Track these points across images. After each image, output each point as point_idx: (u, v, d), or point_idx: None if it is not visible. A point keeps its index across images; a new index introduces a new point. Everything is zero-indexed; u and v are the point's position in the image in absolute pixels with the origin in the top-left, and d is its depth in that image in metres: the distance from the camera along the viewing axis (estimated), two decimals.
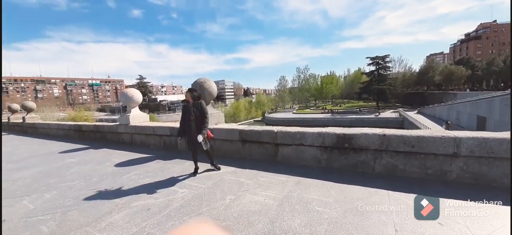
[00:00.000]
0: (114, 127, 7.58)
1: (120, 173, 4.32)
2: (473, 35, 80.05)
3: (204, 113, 3.79)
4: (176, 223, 2.55)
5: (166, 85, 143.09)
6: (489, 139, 2.87)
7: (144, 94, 72.60)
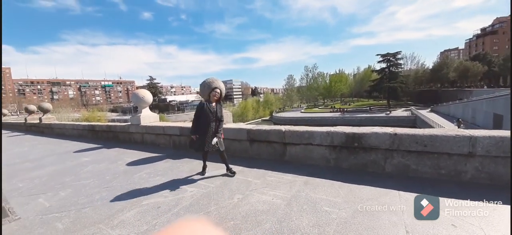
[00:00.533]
0: (125, 127, 7.79)
1: (131, 172, 4.44)
2: (489, 29, 76.58)
3: (222, 114, 3.76)
4: None
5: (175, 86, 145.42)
6: (506, 138, 2.75)
7: (154, 95, 73.91)
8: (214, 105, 3.71)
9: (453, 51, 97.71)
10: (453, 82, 57.08)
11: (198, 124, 3.67)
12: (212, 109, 3.64)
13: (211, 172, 4.08)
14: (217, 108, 3.70)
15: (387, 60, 54.16)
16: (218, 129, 3.68)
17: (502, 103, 25.23)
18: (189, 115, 61.37)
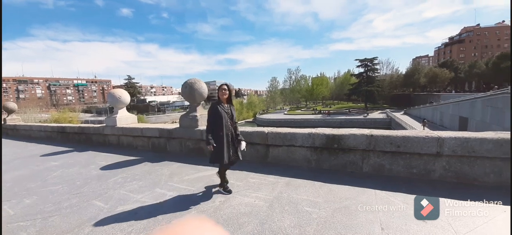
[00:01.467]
0: (100, 129, 7.35)
1: (105, 177, 4.19)
2: (456, 38, 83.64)
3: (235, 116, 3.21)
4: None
5: (156, 86, 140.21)
6: (470, 139, 2.99)
7: (132, 95, 70.91)
8: (227, 105, 3.11)
9: (424, 58, 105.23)
10: (424, 87, 61.36)
11: (213, 129, 3.01)
12: (226, 110, 3.06)
13: (192, 175, 3.97)
14: (231, 108, 3.14)
15: (365, 65, 56.94)
16: (237, 132, 3.16)
17: (466, 107, 27.58)
18: (170, 116, 59.63)
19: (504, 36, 74.17)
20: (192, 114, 5.32)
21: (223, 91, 3.07)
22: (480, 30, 77.69)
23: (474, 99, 27.07)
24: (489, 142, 2.90)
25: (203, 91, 5.23)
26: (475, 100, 26.85)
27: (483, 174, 2.99)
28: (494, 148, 2.88)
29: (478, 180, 3.01)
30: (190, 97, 5.20)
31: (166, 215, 2.70)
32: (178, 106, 76.31)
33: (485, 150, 2.92)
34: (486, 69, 49.84)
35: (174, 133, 5.59)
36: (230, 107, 3.14)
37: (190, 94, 5.13)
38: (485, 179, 2.97)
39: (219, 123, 2.98)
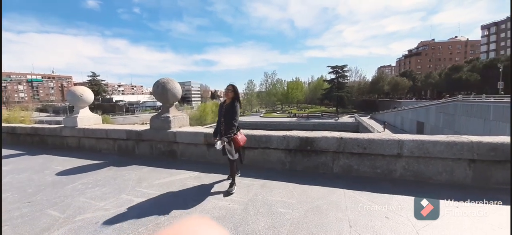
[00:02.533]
0: (57, 130, 6.62)
1: (62, 183, 3.77)
2: (414, 51, 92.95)
3: (234, 115, 3.16)
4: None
5: (124, 84, 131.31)
6: (425, 141, 3.32)
7: (97, 93, 65.43)
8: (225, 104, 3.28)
9: (387, 67, 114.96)
10: (387, 94, 66.93)
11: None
12: (222, 108, 3.28)
13: (163, 179, 3.77)
14: (228, 106, 3.21)
15: (336, 72, 60.34)
16: (228, 130, 3.12)
17: (422, 113, 30.73)
18: (140, 117, 56.21)
19: (455, 50, 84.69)
20: (164, 115, 5.07)
21: (226, 91, 3.32)
22: (435, 44, 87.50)
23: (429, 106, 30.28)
24: (441, 144, 3.24)
25: (177, 92, 5.03)
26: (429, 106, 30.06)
27: (437, 173, 3.33)
28: (445, 150, 3.22)
29: (433, 178, 3.34)
30: (163, 97, 4.97)
31: (132, 223, 2.51)
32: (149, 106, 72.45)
33: (438, 151, 3.26)
34: (439, 79, 56.12)
35: (144, 135, 5.27)
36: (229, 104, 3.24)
37: (162, 94, 4.90)
38: (439, 177, 3.32)
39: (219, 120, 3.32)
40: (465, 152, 3.16)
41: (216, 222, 0.42)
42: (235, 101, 3.24)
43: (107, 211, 2.79)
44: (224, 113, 3.21)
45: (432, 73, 63.26)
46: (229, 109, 3.19)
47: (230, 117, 3.16)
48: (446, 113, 26.05)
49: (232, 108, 3.17)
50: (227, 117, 3.17)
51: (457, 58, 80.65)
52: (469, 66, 51.28)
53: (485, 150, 3.09)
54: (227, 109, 3.21)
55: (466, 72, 48.82)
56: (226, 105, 3.26)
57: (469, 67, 51.04)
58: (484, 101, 21.45)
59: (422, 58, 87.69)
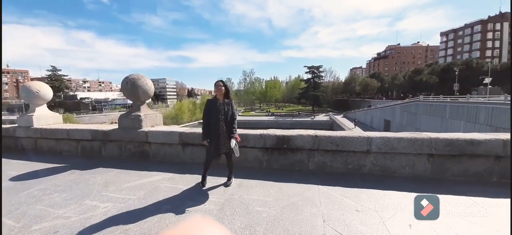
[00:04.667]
0: (10, 130, 5.88)
1: (16, 189, 3.35)
2: (382, 54, 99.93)
3: (234, 113, 3.27)
4: None
5: (90, 80, 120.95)
6: (391, 138, 3.56)
7: (58, 90, 59.57)
8: (221, 101, 3.22)
9: (358, 69, 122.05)
10: (359, 94, 71.08)
11: (207, 125, 3.18)
12: (219, 106, 3.17)
13: (133, 182, 3.55)
14: (225, 104, 3.21)
15: (312, 72, 62.51)
16: (232, 129, 3.18)
17: (389, 112, 33.16)
18: (109, 116, 52.41)
19: (418, 54, 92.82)
20: (135, 113, 4.77)
21: (217, 88, 3.20)
22: (400, 48, 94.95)
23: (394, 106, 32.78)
24: (404, 141, 3.51)
25: (148, 88, 4.76)
26: (395, 106, 32.54)
27: (400, 167, 3.59)
28: (408, 146, 3.49)
29: (397, 172, 3.60)
30: (133, 95, 4.67)
31: (97, 230, 2.32)
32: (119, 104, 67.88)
33: (402, 147, 3.52)
34: (404, 81, 61.08)
35: (111, 135, 4.91)
36: (225, 102, 3.22)
37: (132, 91, 4.60)
38: (402, 171, 3.58)
39: (212, 119, 3.14)
40: (425, 148, 3.46)
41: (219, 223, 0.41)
42: (230, 98, 3.29)
43: (68, 219, 2.54)
44: (226, 111, 3.19)
45: (398, 75, 68.65)
46: (230, 107, 3.23)
47: (232, 115, 3.23)
48: (409, 112, 28.46)
49: (232, 106, 3.27)
50: (230, 115, 3.20)
51: (419, 61, 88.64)
52: (429, 69, 56.61)
53: (441, 145, 3.41)
54: (228, 107, 3.22)
55: (426, 75, 53.79)
56: (224, 103, 3.22)
57: (429, 70, 56.35)
58: (442, 101, 23.83)
59: (389, 61, 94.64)
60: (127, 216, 2.57)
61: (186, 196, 3.06)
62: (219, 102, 3.21)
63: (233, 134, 3.18)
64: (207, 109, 3.22)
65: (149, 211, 2.68)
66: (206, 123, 3.21)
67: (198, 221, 0.41)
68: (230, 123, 3.19)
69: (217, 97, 3.23)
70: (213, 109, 3.17)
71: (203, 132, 3.25)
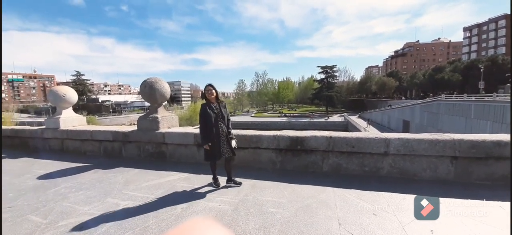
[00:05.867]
0: (38, 132, 6.33)
1: (44, 187, 3.61)
2: (400, 52, 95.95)
3: (228, 115, 3.42)
4: None
5: (111, 84, 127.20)
6: (410, 140, 3.42)
7: (82, 93, 63.16)
8: (216, 104, 3.30)
9: (374, 68, 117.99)
10: (375, 93, 68.70)
11: (206, 129, 3.21)
12: (215, 110, 3.24)
13: (151, 181, 3.69)
14: (221, 106, 3.31)
15: (325, 72, 61.31)
16: (229, 130, 3.34)
17: (408, 112, 31.74)
18: (128, 117, 54.74)
19: (439, 51, 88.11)
20: (152, 115, 4.96)
21: (209, 92, 3.26)
22: (419, 45, 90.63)
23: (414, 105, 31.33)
24: (425, 142, 3.35)
25: (165, 91, 4.93)
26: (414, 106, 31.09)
27: (421, 170, 3.44)
28: (429, 147, 3.34)
29: (417, 175, 3.45)
30: (151, 97, 4.85)
31: (118, 226, 2.43)
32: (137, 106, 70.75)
33: (422, 149, 3.37)
34: (424, 80, 58.24)
35: (131, 136, 5.13)
36: (219, 105, 3.30)
37: (150, 94, 4.79)
38: (423, 174, 3.43)
39: (208, 122, 3.19)
40: (447, 150, 3.29)
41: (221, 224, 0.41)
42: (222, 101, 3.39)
43: (92, 215, 2.69)
44: (223, 113, 3.29)
45: (417, 73, 65.57)
46: (225, 109, 3.35)
47: (228, 117, 3.37)
48: (430, 112, 27.07)
49: (226, 108, 3.38)
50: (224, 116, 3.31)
51: (440, 59, 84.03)
52: (451, 67, 53.55)
53: (466, 147, 3.23)
54: (223, 109, 3.32)
55: (448, 73, 50.93)
56: (219, 105, 3.30)
57: (451, 67, 53.30)
58: (466, 100, 22.45)
59: (407, 58, 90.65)
60: (146, 214, 2.68)
61: (201, 195, 3.13)
62: (215, 105, 3.27)
63: (231, 135, 3.32)
64: (204, 113, 3.22)
65: (166, 209, 2.78)
66: (204, 126, 3.22)
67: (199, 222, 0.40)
68: (227, 125, 3.31)
69: (210, 101, 3.28)
70: (210, 112, 3.21)
71: (202, 136, 3.24)
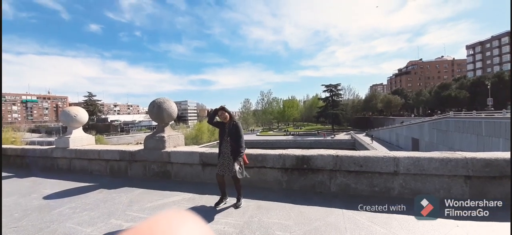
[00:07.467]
0: (48, 151, 6.44)
1: (49, 207, 3.60)
2: (404, 70, 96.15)
3: (241, 135, 3.35)
4: None
5: (120, 104, 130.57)
6: (420, 158, 3.32)
7: (92, 113, 64.86)
8: (227, 125, 3.43)
9: (379, 86, 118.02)
10: (381, 111, 68.04)
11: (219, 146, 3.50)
12: (226, 128, 3.40)
13: (156, 201, 3.64)
14: (230, 127, 3.37)
15: (330, 90, 61.66)
16: (237, 151, 3.25)
17: (416, 129, 31.09)
18: (135, 137, 55.41)
19: (443, 69, 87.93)
20: (159, 135, 5.01)
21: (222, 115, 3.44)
22: (423, 64, 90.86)
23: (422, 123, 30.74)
24: (436, 161, 3.25)
25: (172, 111, 5.02)
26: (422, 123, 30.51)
27: (434, 191, 3.29)
28: (440, 166, 3.22)
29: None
30: (158, 117, 4.94)
31: None
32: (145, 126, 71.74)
33: (433, 168, 3.25)
34: (430, 97, 57.64)
35: (137, 156, 5.16)
36: (231, 125, 3.38)
37: (158, 113, 4.88)
38: (436, 195, 3.26)
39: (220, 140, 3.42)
40: (460, 169, 3.16)
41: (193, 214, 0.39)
42: (235, 121, 3.43)
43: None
44: (228, 134, 3.34)
45: (423, 90, 65.12)
46: (233, 130, 3.34)
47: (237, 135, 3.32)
48: (439, 129, 26.44)
49: (238, 127, 3.37)
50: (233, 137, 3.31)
51: (445, 76, 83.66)
52: (457, 84, 53.09)
53: (479, 166, 3.10)
54: (231, 130, 3.34)
55: (454, 90, 50.39)
56: (230, 125, 3.38)
57: (457, 84, 52.83)
58: (476, 117, 21.92)
59: (412, 76, 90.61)
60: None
61: (206, 217, 3.05)
62: (226, 124, 3.41)
63: (238, 155, 3.23)
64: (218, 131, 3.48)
65: None
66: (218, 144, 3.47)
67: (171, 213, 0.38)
68: (236, 144, 3.27)
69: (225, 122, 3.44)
70: (221, 131, 3.41)
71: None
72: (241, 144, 3.29)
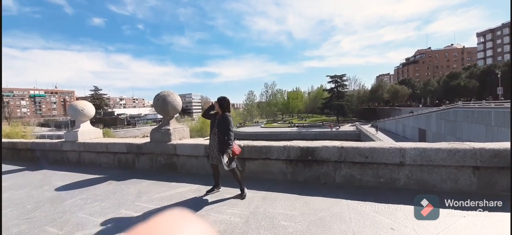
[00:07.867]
0: (58, 145, 6.61)
1: (61, 198, 3.72)
2: (412, 59, 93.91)
3: (228, 127, 3.27)
4: None
5: (126, 98, 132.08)
6: (427, 149, 3.28)
7: (99, 107, 65.86)
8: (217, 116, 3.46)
9: (386, 76, 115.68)
10: (387, 102, 67.08)
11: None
12: (215, 120, 3.44)
13: (163, 192, 3.72)
14: (220, 118, 3.36)
15: (335, 81, 60.95)
16: (225, 142, 3.21)
17: (423, 120, 30.62)
18: (141, 130, 56.23)
19: (452, 58, 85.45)
20: (164, 127, 5.07)
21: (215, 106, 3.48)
22: (431, 52, 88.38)
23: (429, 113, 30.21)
24: (443, 152, 3.20)
25: (177, 104, 5.05)
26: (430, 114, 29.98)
27: (441, 181, 3.26)
28: (448, 157, 3.18)
29: (437, 187, 3.27)
30: (163, 110, 4.98)
31: None
32: (150, 119, 72.60)
33: (440, 159, 3.21)
34: (438, 87, 56.41)
35: (144, 148, 5.25)
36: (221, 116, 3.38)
37: (163, 107, 4.92)
38: (443, 186, 3.25)
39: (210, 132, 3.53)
40: (468, 159, 3.12)
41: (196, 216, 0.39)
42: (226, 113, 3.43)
43: (106, 226, 2.74)
44: (217, 125, 3.36)
45: (431, 80, 63.69)
46: (221, 122, 3.33)
47: (225, 128, 3.28)
48: (447, 120, 25.96)
49: (226, 119, 3.33)
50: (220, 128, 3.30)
51: (455, 65, 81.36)
52: (467, 73, 51.73)
53: (488, 156, 3.05)
54: (219, 122, 3.35)
55: (464, 79, 49.13)
56: (218, 117, 3.41)
57: (467, 73, 51.48)
58: (485, 107, 21.40)
59: (420, 65, 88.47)
60: None
61: (212, 208, 3.12)
62: (217, 116, 3.45)
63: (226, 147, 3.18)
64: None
65: None
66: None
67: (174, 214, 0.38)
68: (222, 136, 3.24)
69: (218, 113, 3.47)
70: (212, 122, 3.49)
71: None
72: (228, 136, 3.22)
